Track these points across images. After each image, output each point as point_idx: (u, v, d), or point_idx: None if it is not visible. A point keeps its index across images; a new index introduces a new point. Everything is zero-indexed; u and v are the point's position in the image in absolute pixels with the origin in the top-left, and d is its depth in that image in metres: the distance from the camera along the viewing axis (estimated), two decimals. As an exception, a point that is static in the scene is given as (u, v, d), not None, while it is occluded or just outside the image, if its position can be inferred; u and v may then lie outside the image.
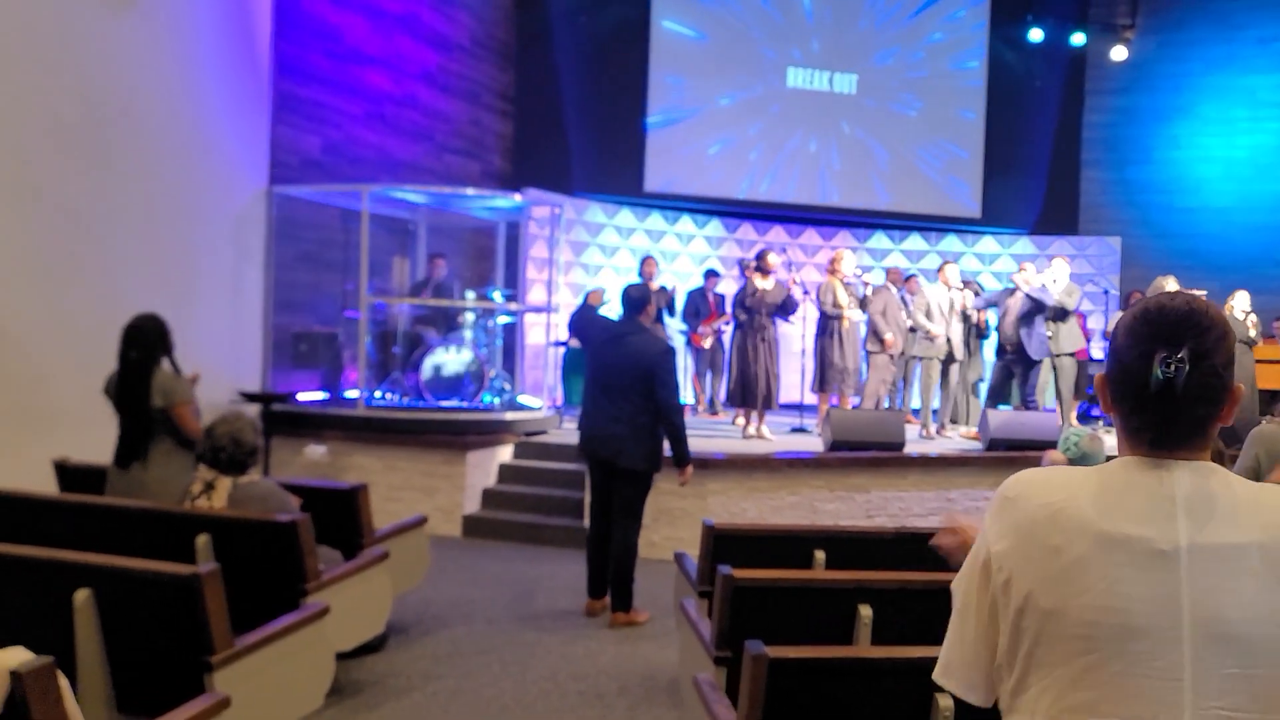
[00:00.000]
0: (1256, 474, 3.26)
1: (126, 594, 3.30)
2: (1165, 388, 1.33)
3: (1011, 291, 9.35)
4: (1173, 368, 1.32)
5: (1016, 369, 9.47)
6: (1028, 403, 9.42)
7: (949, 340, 9.63)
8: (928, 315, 9.51)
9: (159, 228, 7.44)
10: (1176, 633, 1.27)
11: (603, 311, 9.67)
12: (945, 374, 9.76)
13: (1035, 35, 13.11)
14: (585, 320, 6.49)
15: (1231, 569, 1.29)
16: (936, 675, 1.50)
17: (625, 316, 5.82)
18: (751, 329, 8.87)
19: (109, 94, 6.97)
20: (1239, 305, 10.20)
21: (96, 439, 5.17)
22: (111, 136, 7.00)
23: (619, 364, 5.62)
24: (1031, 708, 1.35)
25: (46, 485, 5.21)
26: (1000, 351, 9.65)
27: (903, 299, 9.96)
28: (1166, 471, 1.35)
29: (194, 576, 3.18)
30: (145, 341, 4.74)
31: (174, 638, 3.26)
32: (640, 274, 9.60)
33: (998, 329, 9.71)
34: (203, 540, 4.04)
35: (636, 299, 5.76)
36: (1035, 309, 9.12)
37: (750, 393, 8.82)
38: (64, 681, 2.39)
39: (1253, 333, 9.86)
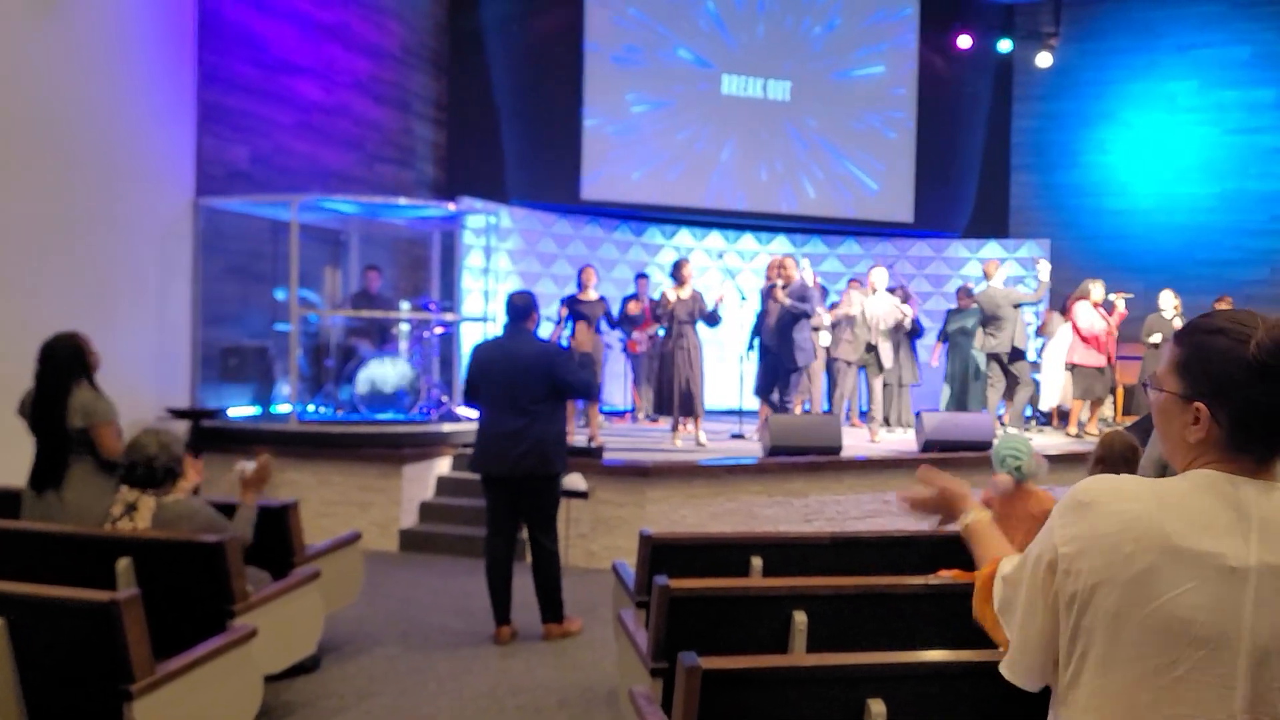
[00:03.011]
0: (1163, 469, 3.27)
1: (41, 622, 3.19)
2: None
3: (771, 291, 8.81)
4: None
5: (779, 371, 8.86)
6: (785, 406, 8.84)
7: (874, 349, 9.92)
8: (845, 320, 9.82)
9: (81, 241, 7.25)
10: (1235, 645, 1.35)
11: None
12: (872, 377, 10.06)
13: (963, 42, 13.34)
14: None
15: None
16: (1004, 670, 1.57)
17: (510, 325, 5.65)
18: (669, 337, 8.98)
19: (26, 103, 6.78)
20: (1167, 304, 10.48)
21: (8, 461, 5.02)
22: (28, 147, 6.81)
23: (510, 376, 5.45)
24: (1087, 703, 1.42)
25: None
26: (764, 353, 9.00)
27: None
28: (1249, 491, 1.41)
29: (112, 603, 3.08)
30: (60, 362, 4.61)
31: (92, 666, 3.16)
32: (579, 283, 9.61)
33: (758, 331, 9.06)
34: (124, 564, 3.92)
35: (521, 307, 5.60)
36: (795, 316, 8.66)
37: (667, 400, 8.93)
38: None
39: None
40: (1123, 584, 1.37)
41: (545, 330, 8.98)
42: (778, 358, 8.82)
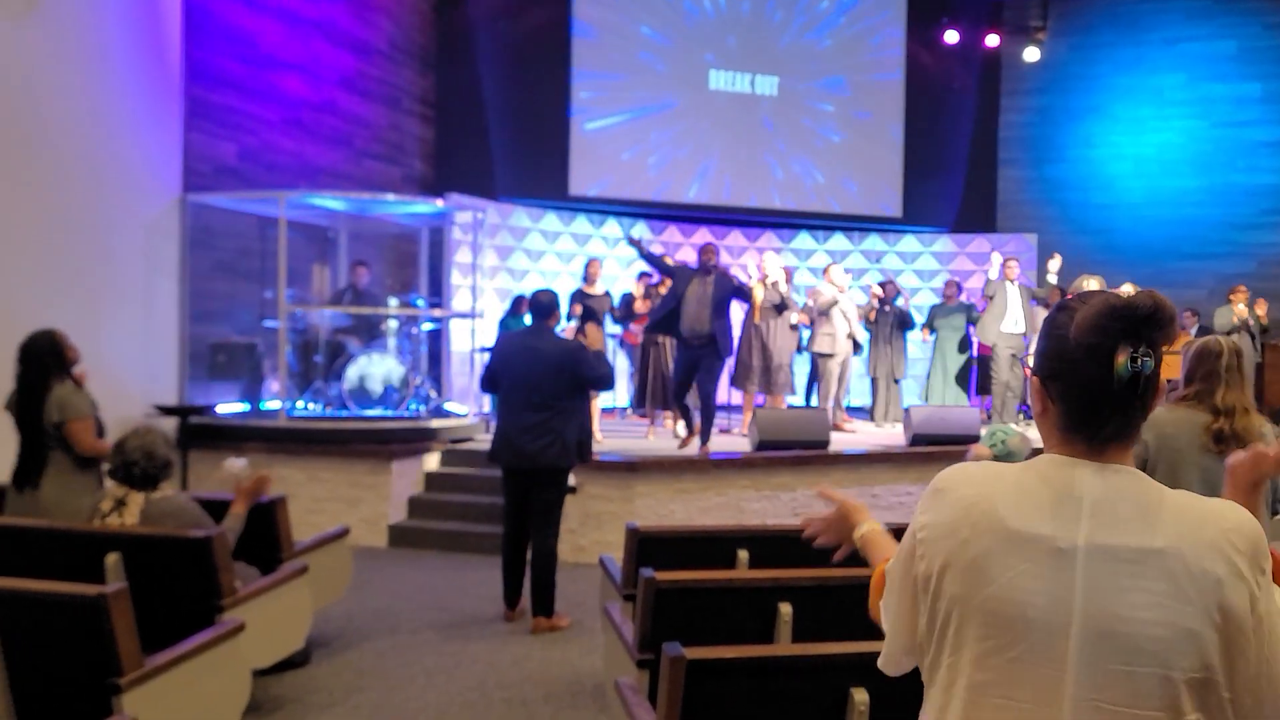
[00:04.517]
0: (1144, 461, 3.29)
1: (30, 617, 3.19)
2: (1128, 384, 1.35)
3: (699, 273, 7.92)
4: (1139, 363, 1.35)
5: (706, 363, 7.87)
6: (709, 402, 7.97)
7: (852, 338, 9.99)
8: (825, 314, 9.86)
9: (68, 239, 7.23)
10: (1065, 627, 1.33)
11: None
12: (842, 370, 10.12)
13: (951, 37, 13.37)
14: (502, 332, 6.42)
15: (1129, 571, 1.33)
16: (880, 664, 1.59)
17: (535, 322, 5.80)
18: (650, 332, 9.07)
19: (9, 102, 6.75)
20: None
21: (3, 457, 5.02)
22: (14, 146, 6.78)
23: (533, 372, 5.61)
24: (944, 683, 1.43)
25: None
26: (685, 344, 7.93)
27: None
28: (1082, 472, 1.38)
29: (99, 597, 3.09)
30: (37, 359, 4.63)
31: (81, 660, 3.17)
32: (585, 277, 9.67)
33: (680, 318, 7.87)
34: (113, 559, 3.93)
35: (545, 304, 5.76)
36: (733, 295, 7.94)
37: (645, 395, 9.01)
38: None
39: None
40: (962, 568, 1.38)
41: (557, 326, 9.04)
42: (708, 346, 7.83)
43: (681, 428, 9.09)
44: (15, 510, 4.58)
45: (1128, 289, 7.11)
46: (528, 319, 10.11)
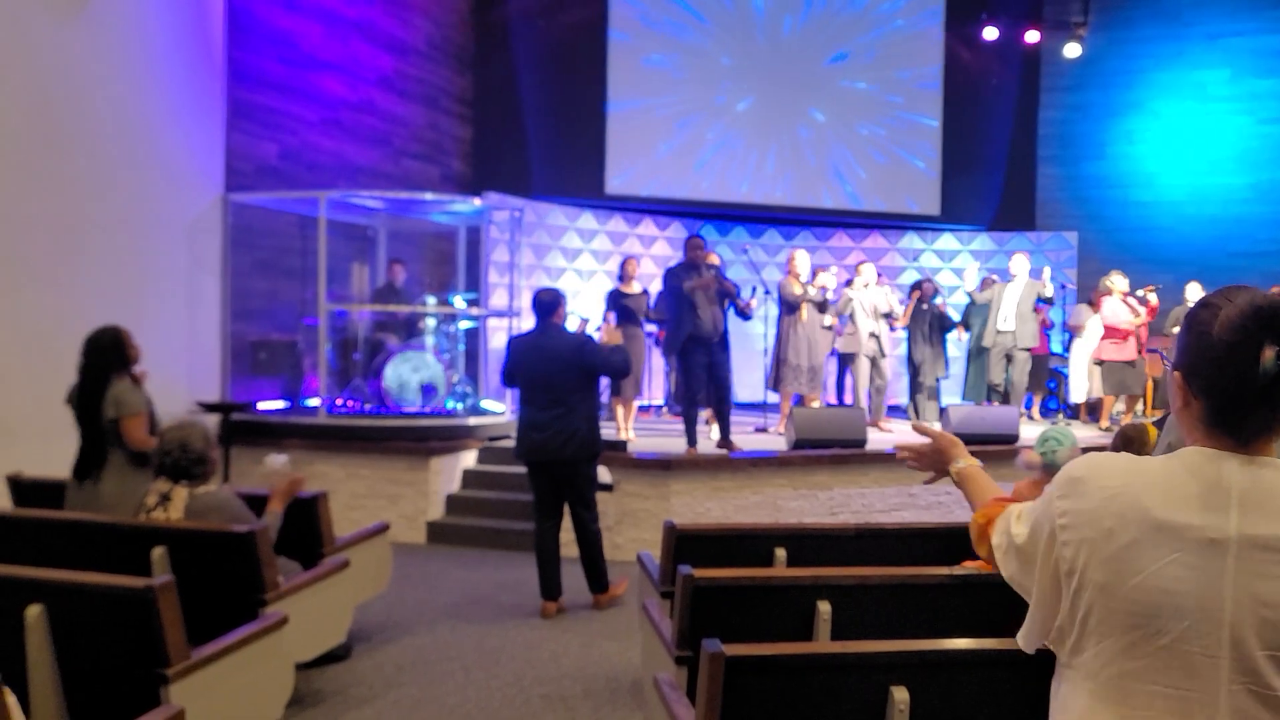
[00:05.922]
0: None
1: (79, 609, 3.26)
2: (1273, 381, 1.39)
3: (696, 271, 7.69)
4: None
5: (722, 359, 7.82)
6: (722, 405, 7.93)
7: (876, 337, 9.89)
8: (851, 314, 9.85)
9: (113, 237, 7.36)
10: (1218, 616, 1.38)
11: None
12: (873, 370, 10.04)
13: (990, 33, 13.25)
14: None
15: (1276, 559, 1.39)
16: (1020, 640, 1.63)
17: (541, 322, 5.96)
18: None
19: (59, 102, 6.88)
20: (1193, 297, 10.39)
21: (55, 452, 5.13)
22: (62, 146, 6.91)
23: (545, 369, 5.81)
24: (1088, 669, 1.48)
25: (2, 501, 5.14)
26: (702, 344, 7.72)
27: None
28: (1230, 465, 1.43)
29: (147, 589, 3.14)
30: (98, 354, 4.72)
31: (129, 651, 3.22)
32: (620, 275, 9.71)
33: (696, 318, 7.65)
34: (159, 553, 4.00)
35: (548, 303, 5.95)
36: (722, 294, 7.81)
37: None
38: (12, 699, 2.36)
39: None
40: (1107, 558, 1.43)
41: (593, 324, 9.05)
42: (715, 347, 7.78)
43: (716, 431, 9.07)
44: (75, 503, 4.67)
45: (1195, 287, 6.98)
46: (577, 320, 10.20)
